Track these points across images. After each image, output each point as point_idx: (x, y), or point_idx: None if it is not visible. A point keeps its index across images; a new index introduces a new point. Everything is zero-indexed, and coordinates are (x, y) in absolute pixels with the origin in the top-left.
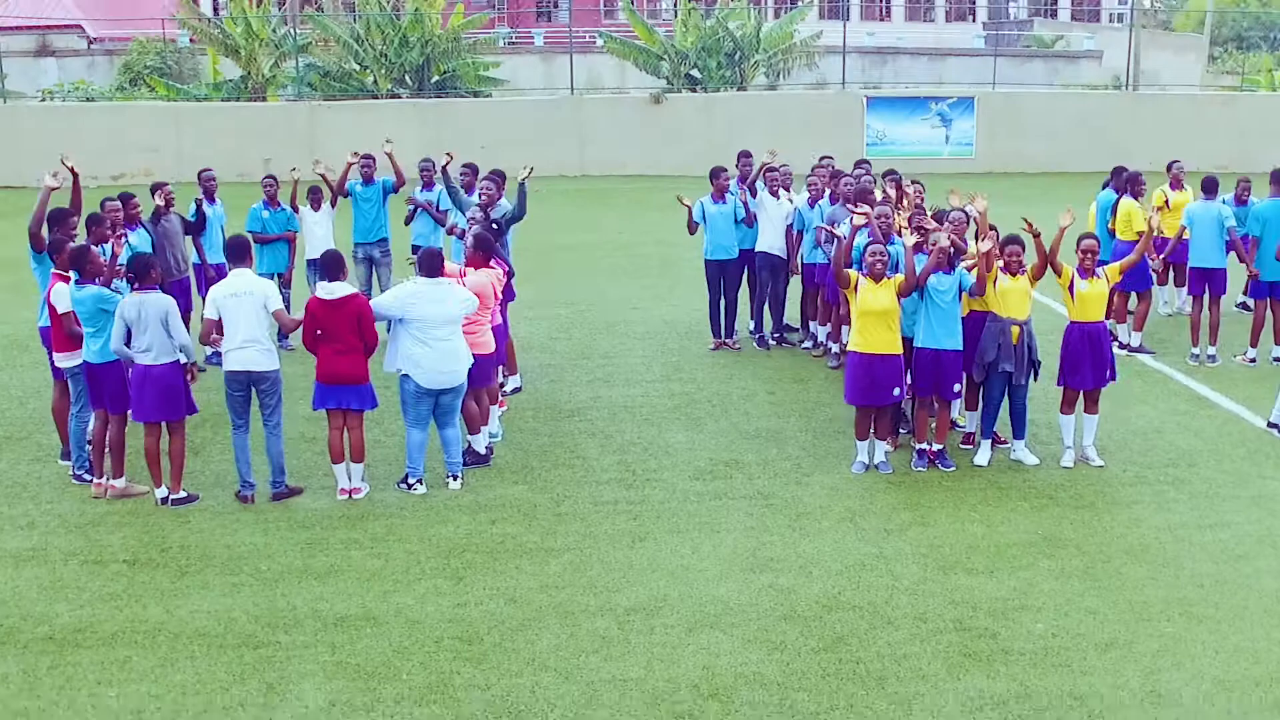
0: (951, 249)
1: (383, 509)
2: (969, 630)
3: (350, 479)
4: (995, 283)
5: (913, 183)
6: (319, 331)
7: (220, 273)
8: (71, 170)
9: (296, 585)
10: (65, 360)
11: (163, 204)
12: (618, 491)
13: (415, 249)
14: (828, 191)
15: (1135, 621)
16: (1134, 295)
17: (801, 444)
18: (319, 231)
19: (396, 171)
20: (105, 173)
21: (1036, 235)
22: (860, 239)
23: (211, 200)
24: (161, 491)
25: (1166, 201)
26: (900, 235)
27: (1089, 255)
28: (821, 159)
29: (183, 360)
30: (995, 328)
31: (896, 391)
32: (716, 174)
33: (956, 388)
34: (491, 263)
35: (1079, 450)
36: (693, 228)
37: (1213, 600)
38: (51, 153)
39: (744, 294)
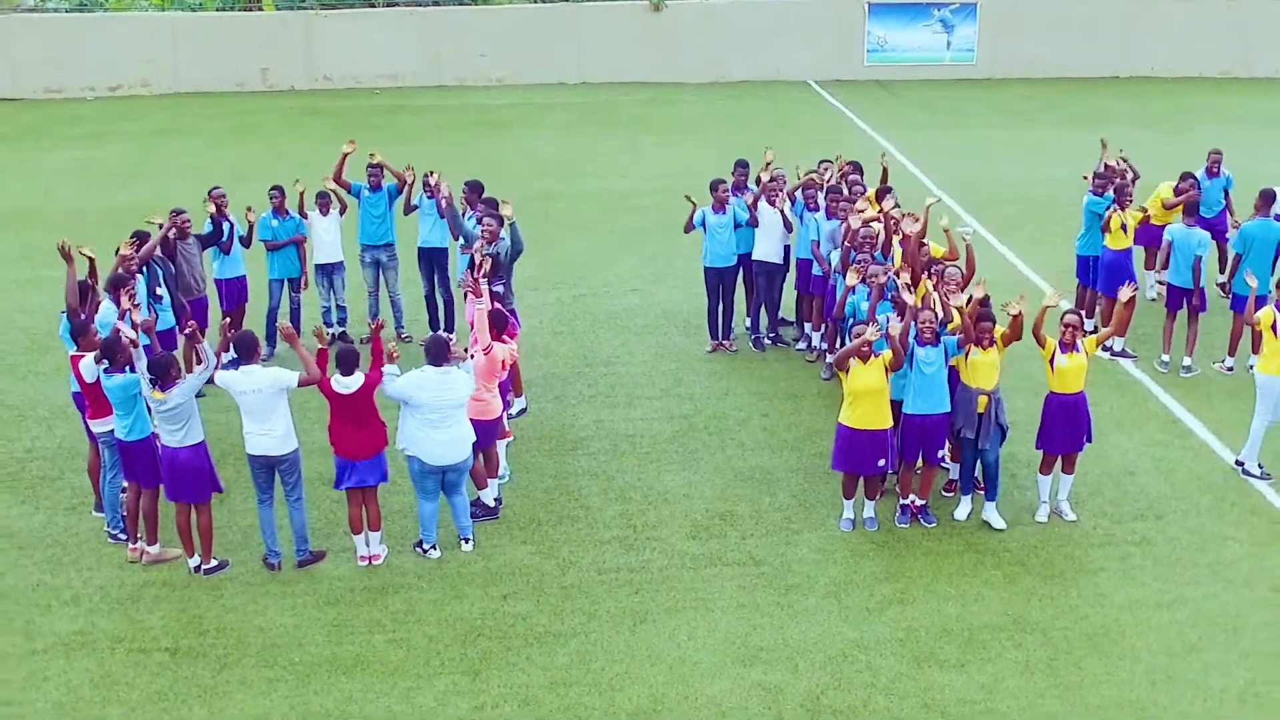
0: (938, 319)
1: (401, 579)
2: None
3: (369, 546)
4: (968, 356)
5: (895, 205)
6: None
7: (235, 288)
8: (89, 256)
9: (327, 681)
10: (99, 425)
11: (176, 234)
12: (620, 556)
13: (421, 252)
14: (822, 200)
15: None
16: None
17: (793, 489)
18: (327, 238)
19: (397, 176)
20: (102, 84)
21: (1017, 315)
22: (858, 297)
23: (224, 217)
24: (194, 561)
25: (1163, 205)
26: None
27: (1070, 330)
28: (820, 163)
29: (209, 366)
30: (964, 396)
31: (882, 463)
32: (715, 185)
33: (941, 454)
34: (505, 334)
35: (1054, 505)
36: (689, 229)
37: (1163, 702)
38: (47, 64)
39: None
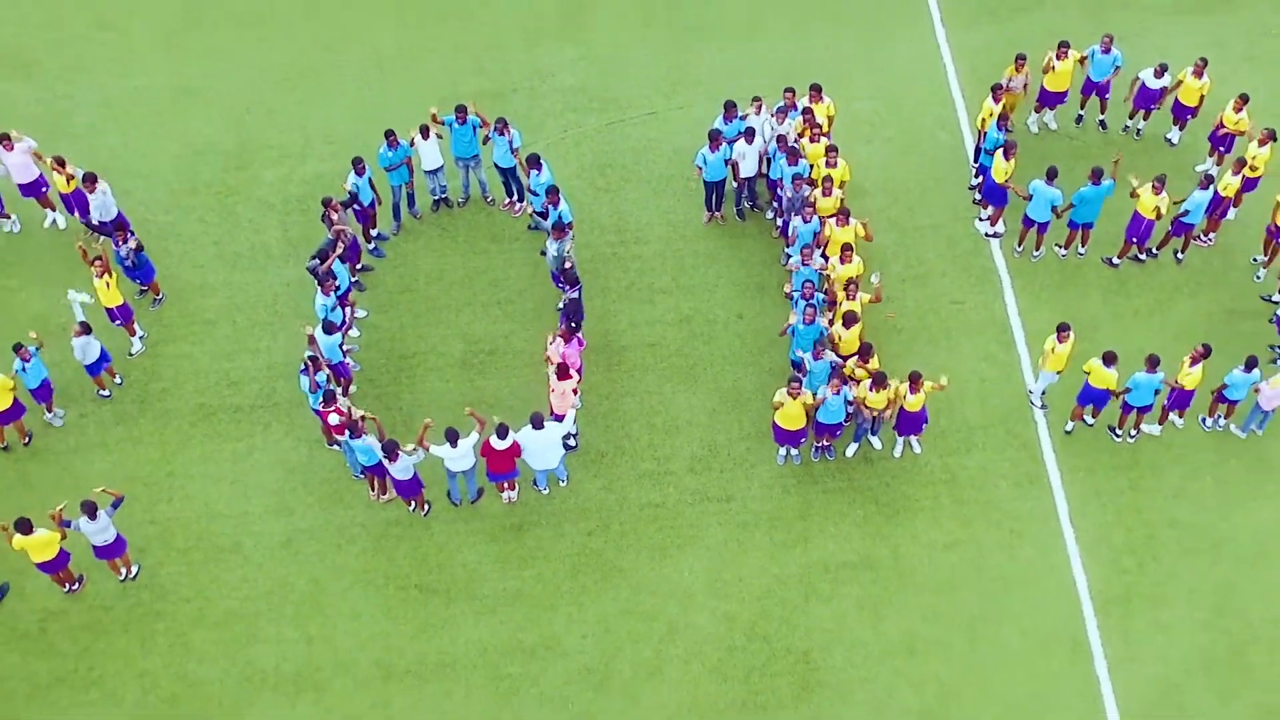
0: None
1: (527, 516)
2: (810, 663)
3: (513, 492)
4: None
5: (862, 225)
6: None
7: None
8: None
9: (506, 613)
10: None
11: (334, 238)
12: (650, 492)
13: (505, 176)
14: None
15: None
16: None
17: (754, 414)
18: (430, 152)
19: (483, 121)
20: None
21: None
22: (803, 324)
23: (361, 173)
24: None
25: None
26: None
27: (898, 391)
28: (785, 90)
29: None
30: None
31: (801, 440)
32: (714, 136)
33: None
34: (576, 336)
35: (906, 442)
36: (699, 172)
37: (930, 635)
38: None
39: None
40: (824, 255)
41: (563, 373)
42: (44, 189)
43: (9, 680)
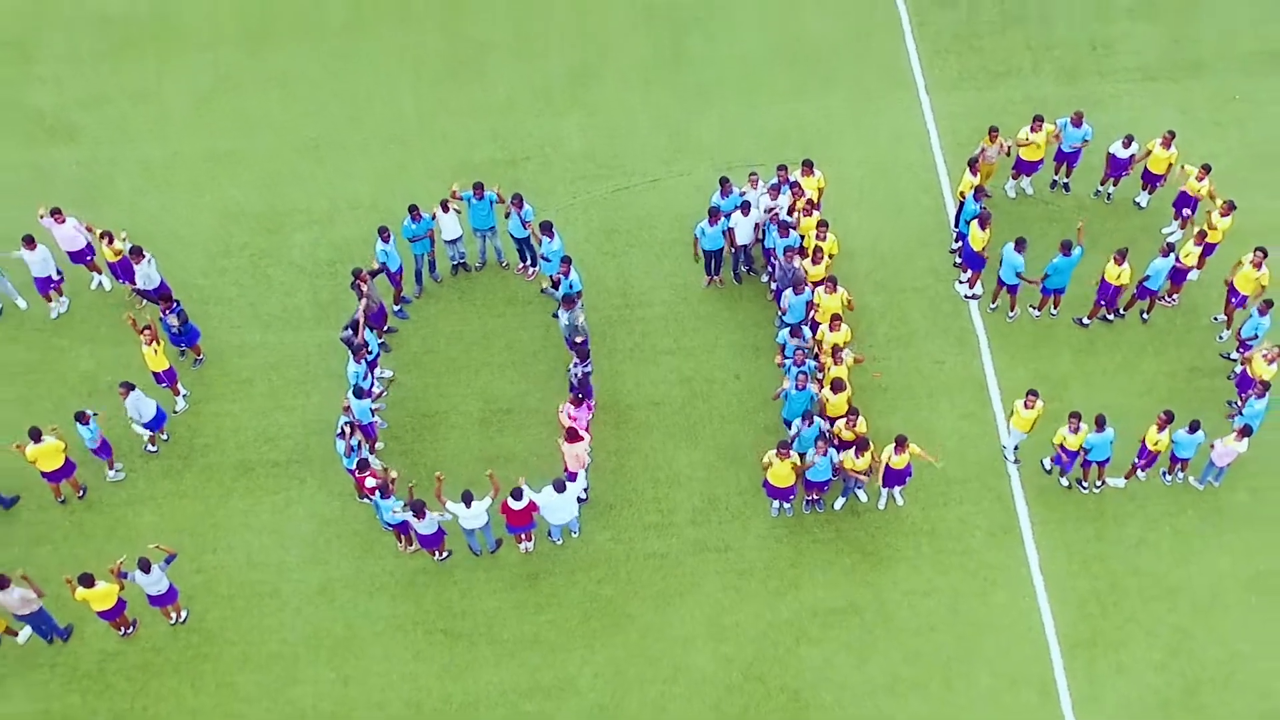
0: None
1: (542, 564)
2: (801, 701)
3: (530, 543)
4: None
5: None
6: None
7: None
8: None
9: (525, 656)
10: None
11: (364, 308)
12: (655, 542)
13: (520, 245)
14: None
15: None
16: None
17: (749, 470)
18: (450, 224)
19: (499, 197)
20: None
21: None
22: (795, 389)
23: (386, 239)
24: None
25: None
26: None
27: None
28: (779, 168)
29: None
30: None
31: (792, 498)
32: (713, 212)
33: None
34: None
35: (890, 494)
36: (697, 251)
37: (910, 677)
38: None
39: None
40: (814, 322)
41: (571, 436)
42: (90, 256)
43: (71, 717)
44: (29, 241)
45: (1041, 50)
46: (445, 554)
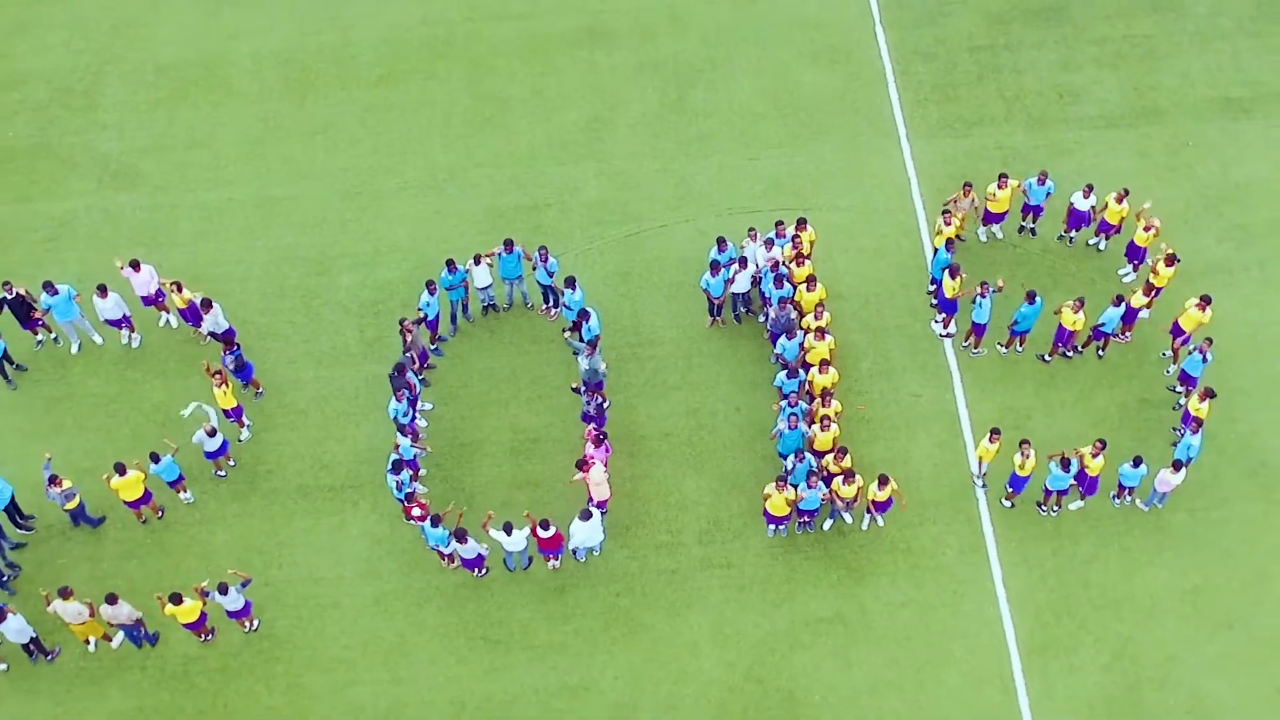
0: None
1: (568, 579)
2: (795, 701)
3: (557, 561)
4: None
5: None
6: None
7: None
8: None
9: (556, 660)
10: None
11: (409, 353)
12: (666, 559)
13: (545, 290)
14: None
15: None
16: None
17: (749, 494)
18: (481, 275)
19: (525, 254)
20: None
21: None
22: (788, 428)
23: (433, 292)
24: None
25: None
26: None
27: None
28: (776, 223)
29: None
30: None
31: (786, 523)
32: (714, 266)
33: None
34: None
35: (873, 515)
36: (712, 299)
37: (893, 680)
38: None
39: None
40: (805, 365)
41: (581, 464)
42: (161, 299)
43: (162, 713)
44: (102, 290)
45: (1014, 99)
46: (484, 570)
